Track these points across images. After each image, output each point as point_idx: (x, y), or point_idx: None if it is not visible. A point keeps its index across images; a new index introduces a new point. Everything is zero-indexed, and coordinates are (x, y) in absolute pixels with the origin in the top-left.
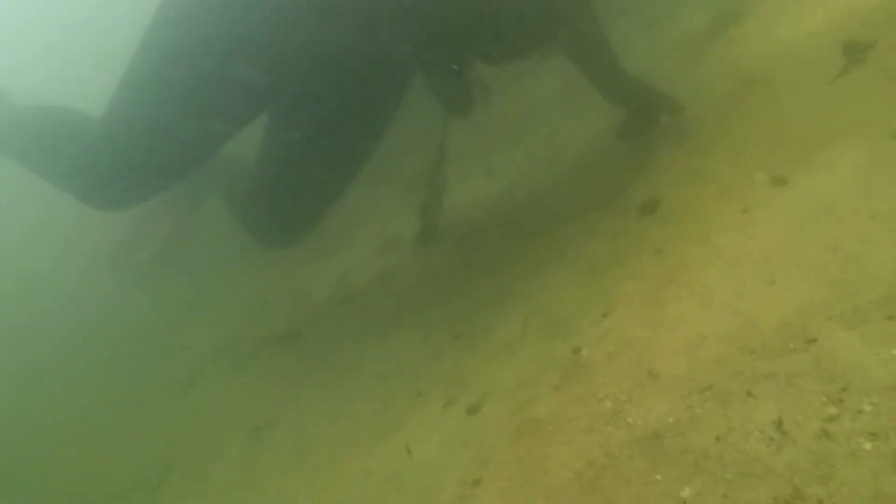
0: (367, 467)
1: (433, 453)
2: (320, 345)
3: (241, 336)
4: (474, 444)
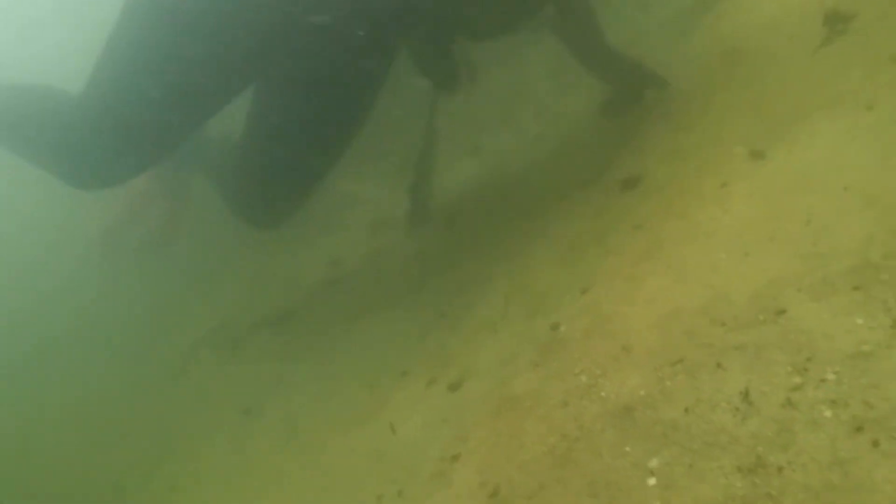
0: (353, 446)
1: (416, 431)
2: (310, 328)
3: (234, 321)
4: (455, 421)
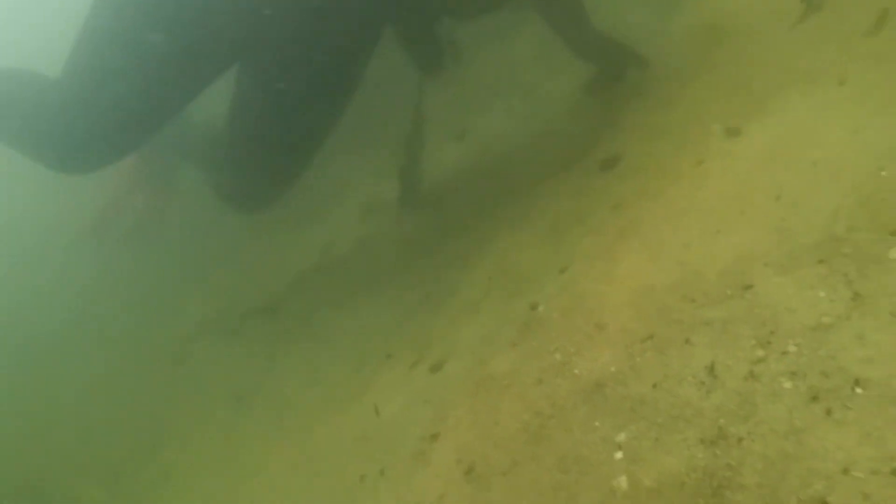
0: (339, 428)
1: (398, 412)
2: (302, 314)
3: (227, 309)
4: (435, 402)
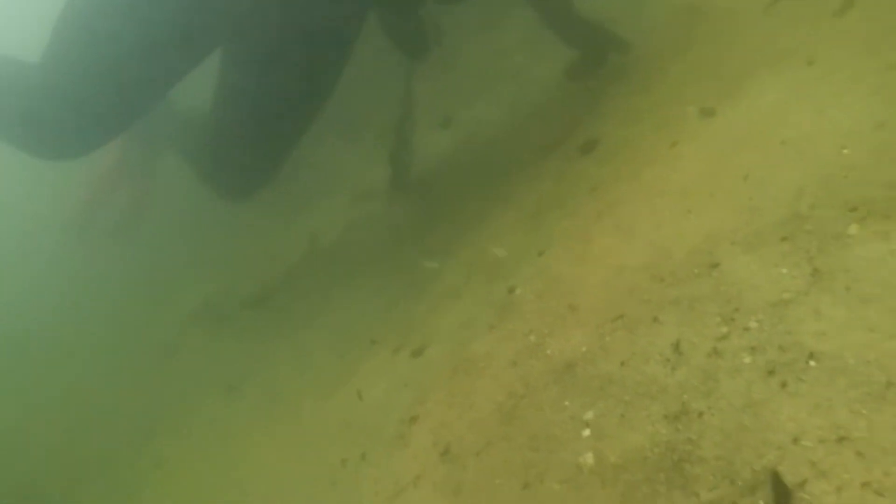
0: (325, 414)
1: (380, 396)
2: (290, 302)
3: (218, 299)
4: (415, 385)
